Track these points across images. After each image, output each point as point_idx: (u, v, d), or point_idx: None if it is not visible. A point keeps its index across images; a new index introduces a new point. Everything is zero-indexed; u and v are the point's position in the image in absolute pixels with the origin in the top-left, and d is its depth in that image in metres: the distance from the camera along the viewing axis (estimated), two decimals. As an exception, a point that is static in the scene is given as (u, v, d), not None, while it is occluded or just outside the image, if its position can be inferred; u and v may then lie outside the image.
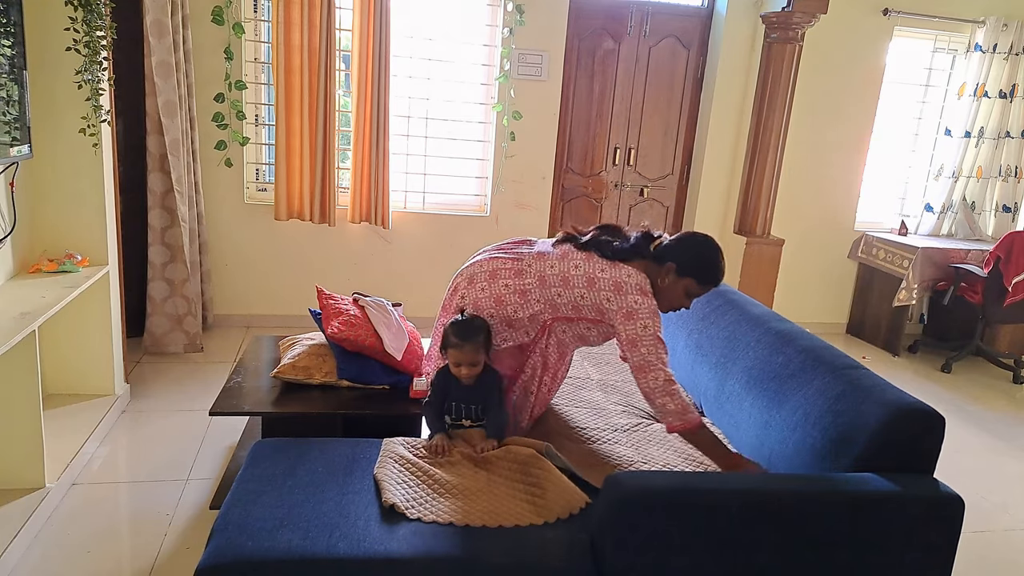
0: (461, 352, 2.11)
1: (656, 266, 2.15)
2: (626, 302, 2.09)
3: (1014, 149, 5.04)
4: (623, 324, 2.09)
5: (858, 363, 2.07)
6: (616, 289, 2.11)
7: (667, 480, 1.77)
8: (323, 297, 2.74)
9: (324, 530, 1.69)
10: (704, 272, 2.15)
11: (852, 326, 5.29)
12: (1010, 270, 4.29)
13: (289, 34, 3.95)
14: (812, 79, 4.67)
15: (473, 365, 2.12)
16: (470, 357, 2.12)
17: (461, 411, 2.16)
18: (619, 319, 2.09)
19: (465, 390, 2.16)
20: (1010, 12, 4.80)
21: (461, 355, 2.12)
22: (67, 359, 3.05)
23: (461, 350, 2.11)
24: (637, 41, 4.67)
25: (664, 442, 2.30)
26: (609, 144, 4.81)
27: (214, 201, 4.22)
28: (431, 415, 2.20)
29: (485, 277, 2.24)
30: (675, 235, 2.22)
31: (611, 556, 1.64)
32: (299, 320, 3.98)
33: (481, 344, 2.13)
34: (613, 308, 2.11)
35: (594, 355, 3.05)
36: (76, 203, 2.94)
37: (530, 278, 2.20)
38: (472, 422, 2.16)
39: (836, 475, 1.77)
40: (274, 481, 1.87)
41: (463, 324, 2.14)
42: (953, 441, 2.17)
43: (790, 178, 4.79)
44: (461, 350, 2.11)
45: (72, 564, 2.18)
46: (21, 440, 2.37)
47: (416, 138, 4.49)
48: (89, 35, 2.60)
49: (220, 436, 2.99)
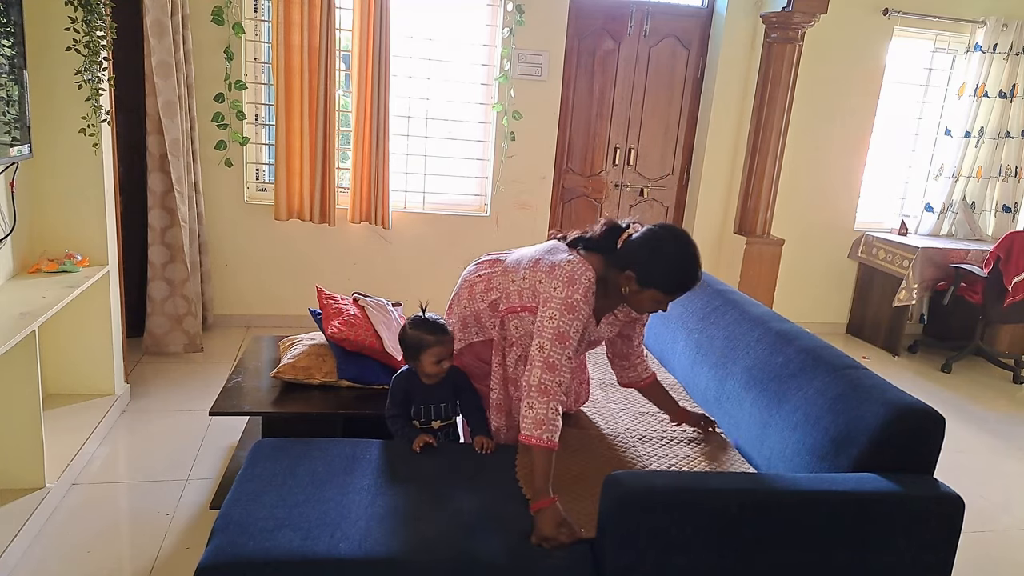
0: (443, 347, 2.09)
1: (617, 271, 1.93)
2: (548, 287, 1.90)
3: (1014, 149, 5.05)
4: (540, 309, 1.91)
5: (858, 363, 2.07)
6: (549, 272, 1.93)
7: (667, 480, 1.77)
8: (323, 297, 2.74)
9: (325, 530, 1.69)
10: (668, 282, 1.88)
11: (852, 326, 5.29)
12: (1010, 270, 4.29)
13: (289, 34, 3.96)
14: (812, 79, 4.67)
15: (449, 358, 2.11)
16: (448, 350, 2.11)
17: (430, 412, 2.15)
18: (539, 304, 1.93)
19: (429, 390, 2.14)
20: (1010, 12, 4.80)
21: (443, 349, 2.09)
22: (67, 359, 3.05)
23: (442, 345, 2.09)
24: (637, 41, 4.67)
25: (662, 442, 2.30)
26: (609, 144, 4.81)
27: (214, 201, 4.22)
28: (400, 424, 2.14)
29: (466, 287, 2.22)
30: (642, 231, 1.94)
31: (611, 556, 1.64)
32: (299, 320, 3.98)
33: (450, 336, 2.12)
34: (540, 291, 1.94)
35: (594, 355, 3.04)
36: (76, 203, 2.94)
37: (499, 267, 2.14)
38: (441, 422, 2.16)
39: (836, 475, 1.77)
40: (274, 481, 1.87)
41: (431, 322, 2.11)
42: (953, 441, 2.18)
43: (790, 178, 4.79)
44: (442, 345, 2.09)
45: (72, 564, 2.18)
46: (21, 440, 2.37)
47: (416, 138, 4.49)
48: (89, 35, 2.60)
49: (220, 436, 2.99)
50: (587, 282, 1.88)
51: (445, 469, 1.99)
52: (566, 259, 1.93)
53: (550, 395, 1.83)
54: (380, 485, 1.89)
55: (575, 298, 1.86)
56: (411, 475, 1.95)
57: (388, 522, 1.74)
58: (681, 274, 1.88)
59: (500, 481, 1.94)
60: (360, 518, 1.75)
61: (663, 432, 2.35)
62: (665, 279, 1.88)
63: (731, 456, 2.22)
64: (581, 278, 1.88)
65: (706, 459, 2.19)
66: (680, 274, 1.88)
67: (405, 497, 1.84)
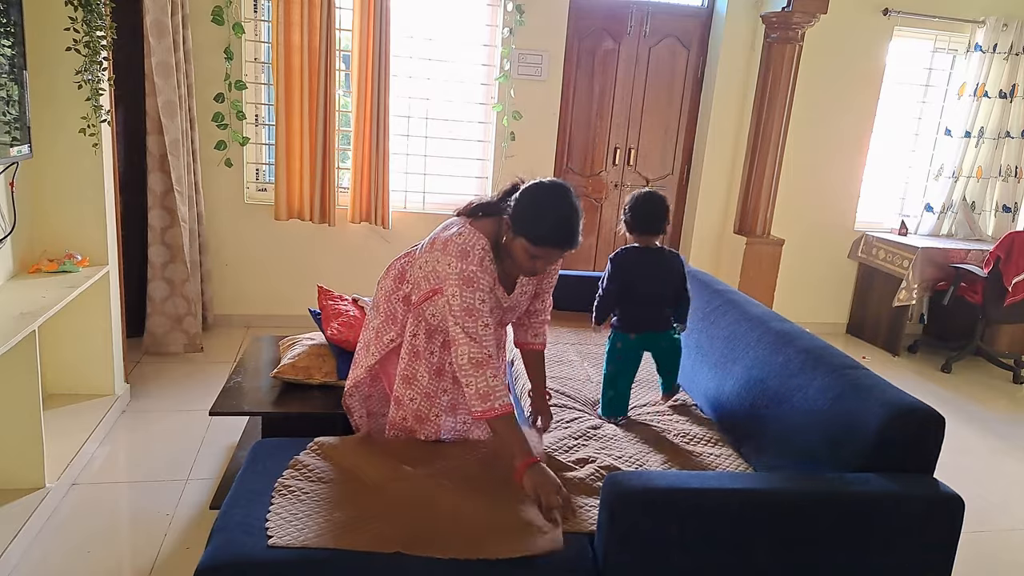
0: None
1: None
2: (444, 265, 1.85)
3: (1014, 149, 5.05)
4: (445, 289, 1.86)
5: (858, 363, 2.07)
6: (444, 248, 1.87)
7: (667, 480, 1.77)
8: (323, 297, 2.75)
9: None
10: (533, 231, 1.81)
11: (852, 326, 5.29)
12: (1010, 270, 4.29)
13: (289, 34, 3.96)
14: (812, 79, 4.67)
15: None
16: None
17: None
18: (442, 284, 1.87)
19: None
20: (1010, 12, 4.80)
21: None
22: (67, 359, 3.05)
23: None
24: (637, 41, 4.67)
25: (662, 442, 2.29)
26: (609, 144, 4.81)
27: (214, 201, 4.22)
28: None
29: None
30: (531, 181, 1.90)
31: (611, 556, 1.64)
32: (299, 320, 3.97)
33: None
34: (440, 271, 1.88)
35: (594, 356, 3.05)
36: (76, 203, 2.94)
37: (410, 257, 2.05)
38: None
39: (836, 475, 1.77)
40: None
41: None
42: (953, 441, 2.17)
43: (790, 178, 4.79)
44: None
45: (72, 564, 2.18)
46: (21, 440, 2.37)
47: (416, 138, 4.49)
48: (89, 35, 2.60)
49: (220, 436, 2.99)
50: (480, 251, 1.85)
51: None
52: (457, 232, 1.88)
53: (484, 366, 1.81)
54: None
55: (471, 270, 1.83)
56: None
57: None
58: (547, 227, 1.82)
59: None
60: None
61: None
62: (531, 228, 1.82)
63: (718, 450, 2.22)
64: (474, 248, 1.84)
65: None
66: (545, 226, 1.82)
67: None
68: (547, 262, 1.90)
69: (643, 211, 2.38)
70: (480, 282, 1.84)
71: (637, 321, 2.42)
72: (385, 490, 1.84)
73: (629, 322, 2.43)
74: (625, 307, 2.43)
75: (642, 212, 2.38)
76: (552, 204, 1.83)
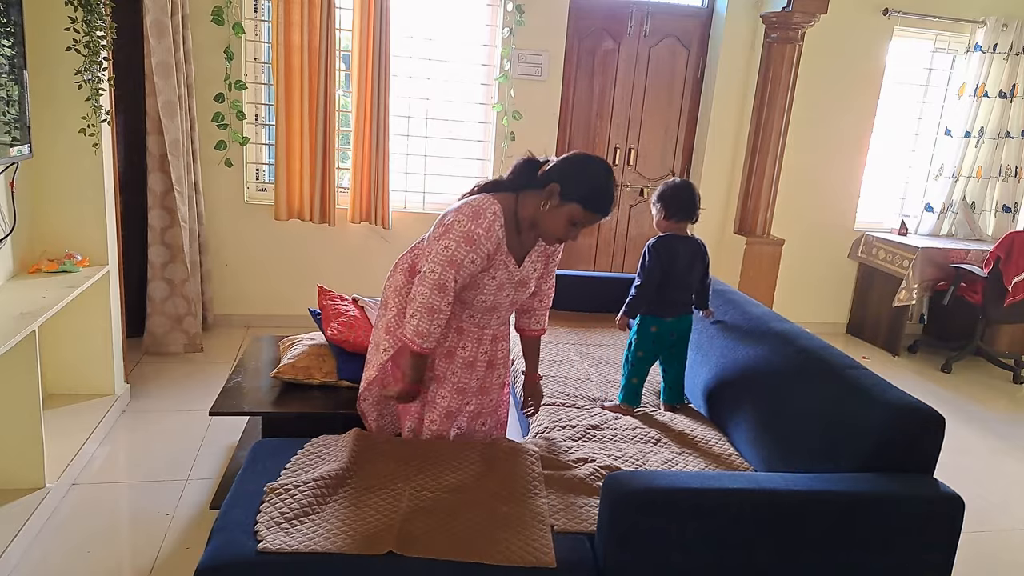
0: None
1: (538, 192, 1.94)
2: (452, 218, 1.92)
3: (1014, 149, 5.05)
4: (440, 237, 1.91)
5: (858, 363, 2.07)
6: (458, 209, 1.95)
7: (667, 480, 1.77)
8: (323, 297, 2.74)
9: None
10: (591, 196, 1.92)
11: (852, 326, 5.29)
12: (1010, 270, 4.29)
13: (289, 34, 3.96)
14: (812, 79, 4.67)
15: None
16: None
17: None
18: (440, 232, 1.93)
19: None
20: (1010, 12, 4.80)
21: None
22: (67, 359, 3.05)
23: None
24: (637, 41, 4.67)
25: (660, 442, 2.30)
26: (609, 144, 4.81)
27: (214, 201, 4.22)
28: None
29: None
30: (565, 155, 2.01)
31: (611, 556, 1.64)
32: (299, 320, 3.98)
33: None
34: (444, 222, 1.94)
35: (594, 356, 3.05)
36: (76, 203, 2.94)
37: (419, 247, 2.11)
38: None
39: (836, 475, 1.77)
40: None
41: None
42: (953, 441, 2.17)
43: (790, 178, 4.79)
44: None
45: (72, 564, 2.18)
46: (21, 440, 2.37)
47: (416, 138, 4.49)
48: (89, 35, 2.59)
49: (220, 436, 2.99)
50: (492, 216, 1.92)
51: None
52: (475, 200, 1.96)
53: (436, 314, 1.91)
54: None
55: (477, 232, 1.90)
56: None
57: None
58: (604, 194, 1.94)
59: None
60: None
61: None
62: (588, 193, 1.92)
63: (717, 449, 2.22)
64: (487, 212, 1.92)
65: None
66: (602, 194, 1.94)
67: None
68: (581, 230, 1.99)
69: (680, 198, 2.49)
70: (479, 245, 1.91)
71: (674, 305, 2.53)
72: (381, 490, 1.85)
73: (665, 306, 2.52)
74: (662, 292, 2.50)
75: (679, 199, 2.49)
76: (604, 176, 1.95)
